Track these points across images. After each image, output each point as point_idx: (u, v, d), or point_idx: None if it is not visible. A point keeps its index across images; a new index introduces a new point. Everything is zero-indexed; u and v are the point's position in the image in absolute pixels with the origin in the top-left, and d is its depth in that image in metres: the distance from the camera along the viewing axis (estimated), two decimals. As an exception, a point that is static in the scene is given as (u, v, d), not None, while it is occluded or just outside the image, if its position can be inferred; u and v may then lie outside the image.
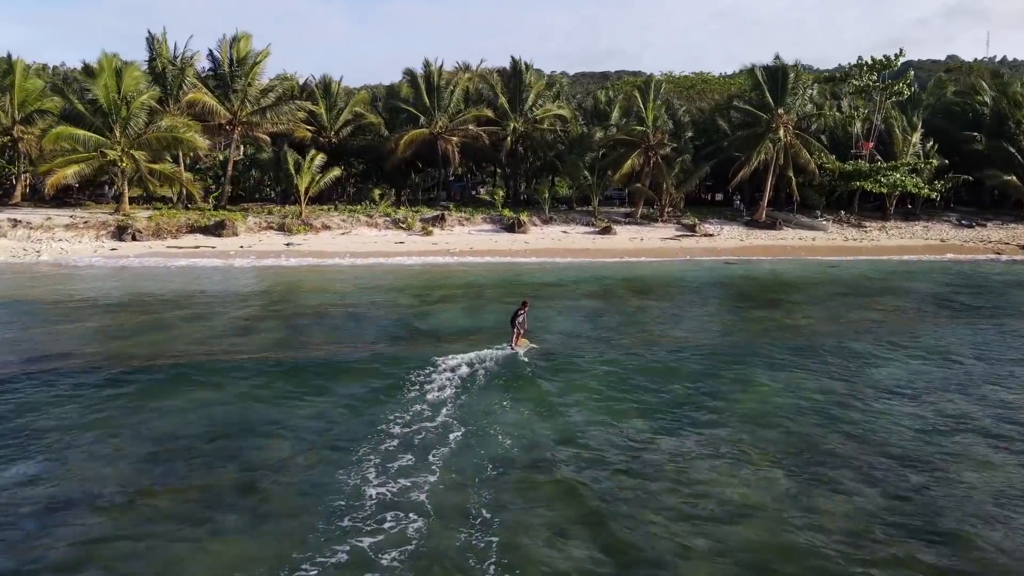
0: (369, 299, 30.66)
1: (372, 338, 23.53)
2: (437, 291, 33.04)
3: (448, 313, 27.79)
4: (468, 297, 31.18)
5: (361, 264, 41.78)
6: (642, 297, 31.94)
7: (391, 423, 14.78)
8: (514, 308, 22.16)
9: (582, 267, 42.24)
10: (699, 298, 31.91)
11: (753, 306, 29.95)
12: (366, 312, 28.04)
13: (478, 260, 44.62)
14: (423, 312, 27.80)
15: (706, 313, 28.19)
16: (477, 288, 33.84)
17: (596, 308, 28.82)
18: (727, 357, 20.52)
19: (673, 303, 30.27)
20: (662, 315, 27.54)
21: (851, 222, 60.64)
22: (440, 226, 54.39)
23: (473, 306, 28.99)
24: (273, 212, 53.82)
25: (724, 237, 55.69)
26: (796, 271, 40.84)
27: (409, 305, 29.42)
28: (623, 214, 61.40)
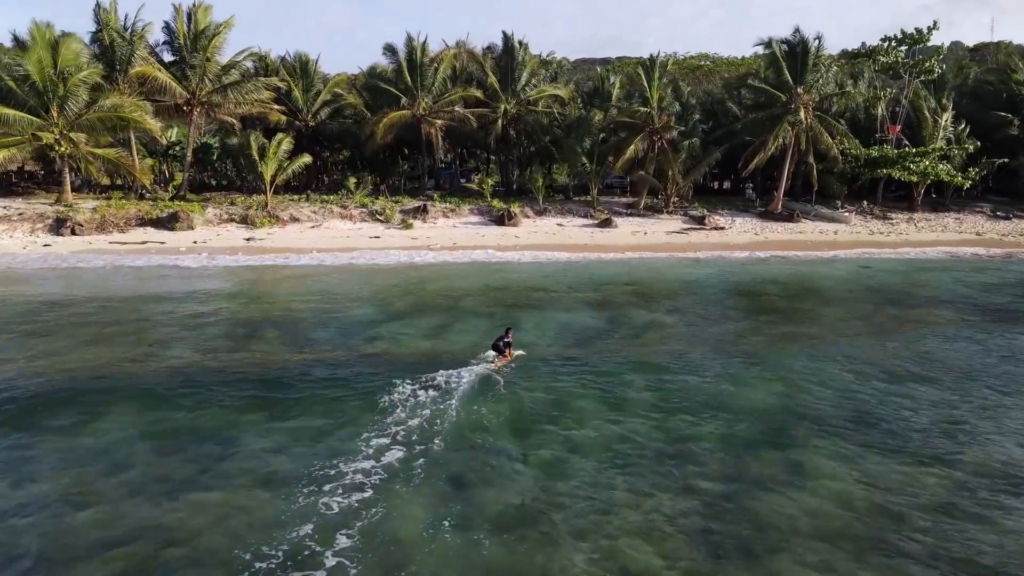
0: (321, 309, 25.43)
1: (310, 359, 18.40)
2: (405, 299, 27.80)
3: (408, 332, 22.52)
4: (437, 310, 25.89)
5: (327, 264, 36.54)
6: (647, 308, 26.67)
7: (336, 462, 12.19)
8: (502, 323, 19.54)
9: (578, 268, 36.96)
10: (716, 312, 26.61)
11: (788, 330, 24.31)
12: (310, 327, 22.82)
13: (461, 258, 39.38)
14: (378, 332, 22.53)
15: (728, 339, 22.81)
16: (453, 296, 28.59)
17: (592, 327, 23.54)
18: (766, 430, 14.80)
19: (685, 320, 24.98)
20: (673, 338, 22.26)
21: (875, 213, 55.23)
22: (422, 218, 49.09)
23: (439, 325, 23.70)
24: (236, 203, 48.50)
25: (736, 231, 50.34)
26: (824, 272, 35.47)
27: (365, 320, 24.16)
28: (624, 205, 56.03)
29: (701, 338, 21.76)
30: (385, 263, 37.46)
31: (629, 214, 53.37)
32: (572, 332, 22.32)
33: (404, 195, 54.51)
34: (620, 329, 23.12)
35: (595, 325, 23.43)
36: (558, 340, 21.25)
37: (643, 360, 19.32)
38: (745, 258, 41.18)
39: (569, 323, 23.53)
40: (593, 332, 22.52)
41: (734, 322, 24.69)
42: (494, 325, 22.07)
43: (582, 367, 18.59)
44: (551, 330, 22.59)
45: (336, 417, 14.60)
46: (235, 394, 15.96)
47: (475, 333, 22.06)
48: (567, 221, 51.01)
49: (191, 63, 47.56)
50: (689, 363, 18.98)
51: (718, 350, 20.40)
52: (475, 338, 21.18)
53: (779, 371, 18.23)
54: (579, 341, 21.30)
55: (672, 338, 21.83)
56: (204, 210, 46.10)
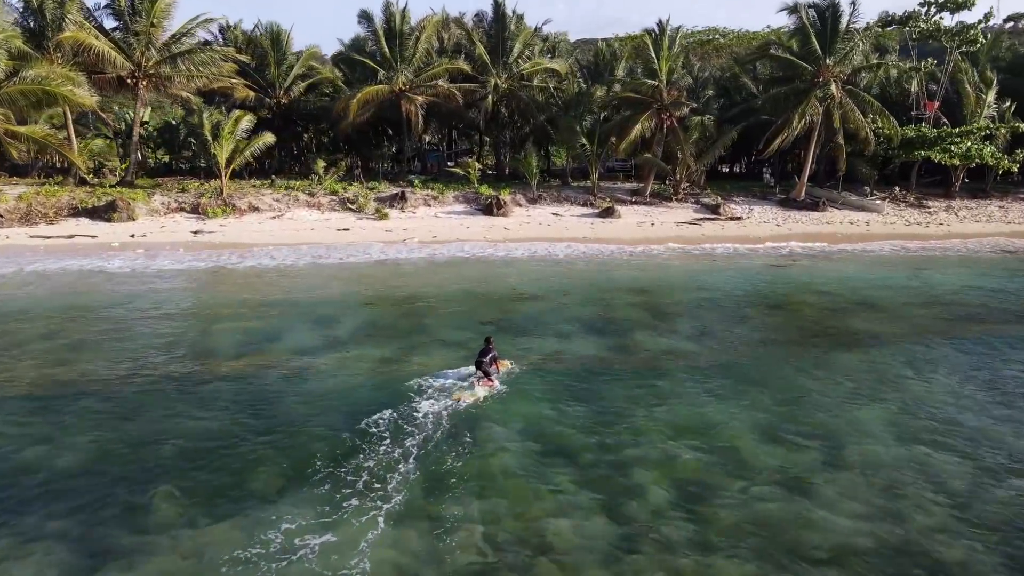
0: (247, 334, 19.79)
1: (220, 423, 12.84)
2: (359, 314, 22.19)
3: (353, 364, 16.91)
4: (396, 332, 20.26)
5: (282, 264, 30.95)
6: (661, 330, 21.01)
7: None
8: (478, 348, 15.72)
9: (576, 267, 31.27)
10: (748, 338, 20.92)
11: (857, 374, 18.55)
12: (231, 366, 17.20)
13: (440, 255, 33.73)
14: (313, 364, 16.94)
15: (774, 386, 17.19)
16: (418, 310, 23.00)
17: (593, 362, 17.89)
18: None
19: (711, 352, 19.29)
20: (697, 386, 16.56)
21: (910, 201, 49.36)
22: (400, 207, 43.36)
23: (390, 357, 18.08)
24: (188, 189, 42.76)
25: (755, 221, 44.56)
26: (873, 279, 29.59)
27: (301, 347, 18.52)
28: (628, 191, 50.19)
29: (735, 386, 16.09)
30: (352, 261, 31.82)
31: (634, 202, 47.59)
32: (567, 373, 16.65)
33: (383, 180, 48.66)
34: (628, 362, 17.46)
35: (596, 359, 17.77)
36: (549, 391, 15.58)
37: (663, 422, 13.70)
38: (768, 254, 35.43)
39: (563, 355, 17.87)
40: (594, 370, 16.88)
41: (774, 355, 18.99)
42: (465, 355, 16.65)
43: (581, 431, 13.00)
44: (538, 367, 16.93)
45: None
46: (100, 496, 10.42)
47: (440, 357, 16.73)
48: (564, 210, 45.22)
49: (134, 29, 41.57)
50: (722, 430, 13.37)
51: (763, 408, 14.77)
52: (440, 364, 15.91)
53: (868, 466, 12.60)
54: (575, 388, 15.64)
55: (696, 385, 16.16)
56: (150, 198, 40.40)
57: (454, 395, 14.58)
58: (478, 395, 14.69)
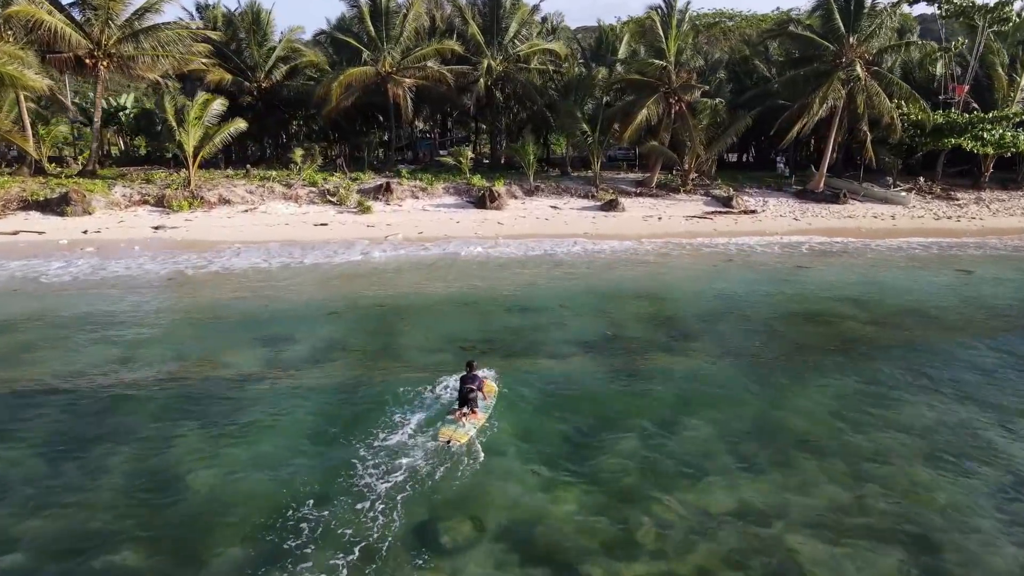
0: (180, 351, 16.41)
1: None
2: (321, 328, 18.77)
3: (299, 404, 13.57)
4: (352, 361, 16.85)
5: (246, 267, 27.46)
6: (676, 351, 17.63)
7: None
8: (461, 373, 13.23)
9: (575, 269, 27.83)
10: (780, 357, 17.53)
11: (914, 408, 15.00)
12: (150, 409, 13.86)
13: (425, 254, 30.38)
14: (239, 405, 13.59)
15: (820, 429, 13.84)
16: (388, 324, 19.61)
17: (594, 386, 14.55)
18: None
19: (737, 380, 15.88)
20: (721, 430, 13.20)
21: (936, 192, 45.76)
22: (385, 199, 39.84)
23: (343, 399, 14.74)
24: (154, 180, 39.23)
25: (771, 215, 41.03)
26: (915, 284, 26.04)
27: (229, 379, 15.16)
28: (633, 182, 46.61)
29: (767, 428, 12.71)
30: (326, 263, 28.35)
31: (639, 193, 44.05)
32: (563, 418, 13.24)
33: (368, 170, 45.07)
34: (640, 395, 14.05)
35: (601, 390, 14.37)
36: (540, 438, 12.21)
37: (684, 480, 10.36)
38: (788, 252, 31.97)
39: (559, 391, 14.46)
40: (598, 402, 13.50)
41: (816, 383, 15.54)
42: (441, 376, 13.43)
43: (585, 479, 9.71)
44: (530, 398, 13.57)
45: None
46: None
47: (413, 381, 13.46)
48: (563, 202, 41.69)
49: (92, 4, 37.89)
50: (767, 514, 10.01)
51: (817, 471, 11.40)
52: (413, 393, 12.68)
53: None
54: (574, 440, 12.27)
55: (720, 430, 12.77)
56: (110, 190, 36.88)
57: (440, 434, 11.85)
58: (470, 434, 11.87)
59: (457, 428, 12.05)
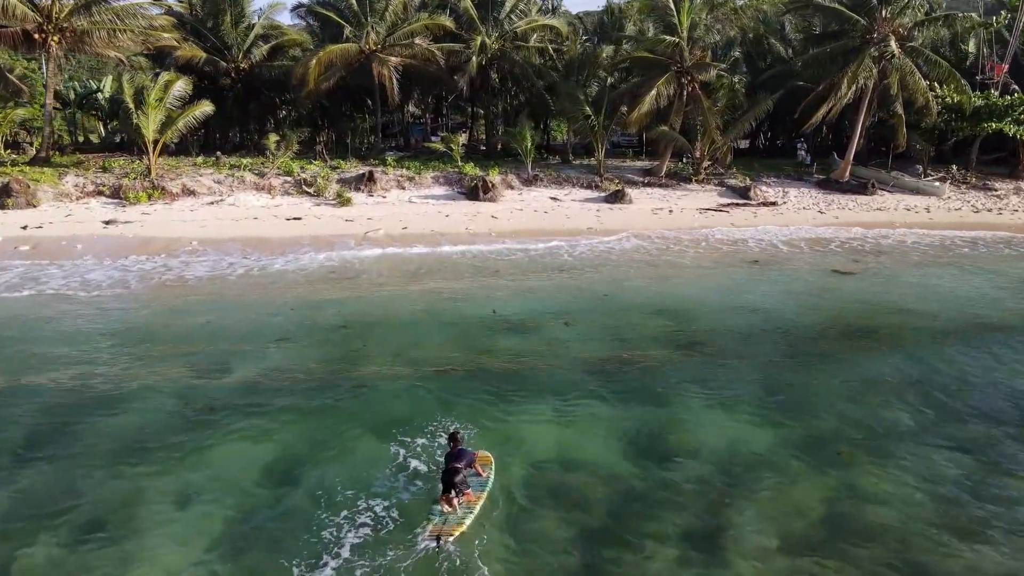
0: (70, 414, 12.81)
1: None
2: (257, 363, 15.11)
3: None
4: (307, 406, 13.22)
5: (203, 273, 23.82)
6: (704, 379, 14.05)
7: None
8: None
9: (580, 275, 24.10)
10: (844, 399, 13.90)
11: None
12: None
13: (408, 255, 26.80)
14: (129, 478, 9.97)
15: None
16: (356, 349, 15.99)
17: (608, 441, 11.06)
18: None
19: (790, 424, 12.32)
20: (775, 485, 9.62)
21: (971, 182, 41.96)
22: (368, 190, 36.09)
23: (287, 469, 11.06)
24: (112, 167, 35.44)
25: (793, 207, 37.27)
26: (974, 292, 22.30)
27: (118, 447, 11.56)
28: (640, 171, 42.80)
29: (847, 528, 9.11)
30: (293, 267, 24.63)
31: (647, 183, 40.28)
32: (568, 516, 9.63)
33: (351, 158, 41.24)
34: (671, 485, 10.41)
35: (618, 475, 10.69)
36: (537, 550, 8.61)
37: None
38: (818, 250, 28.30)
39: (563, 464, 10.83)
40: (617, 508, 9.85)
41: (897, 430, 11.91)
42: (409, 447, 9.94)
43: None
44: (522, 499, 9.97)
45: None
46: None
47: (373, 446, 10.00)
48: (564, 193, 37.92)
49: (39, -29, 34.02)
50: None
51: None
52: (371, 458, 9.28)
53: None
54: (584, 556, 8.65)
55: (781, 534, 9.17)
56: (60, 179, 33.15)
57: (430, 529, 8.88)
58: (465, 523, 8.99)
59: (448, 519, 8.91)
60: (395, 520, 8.99)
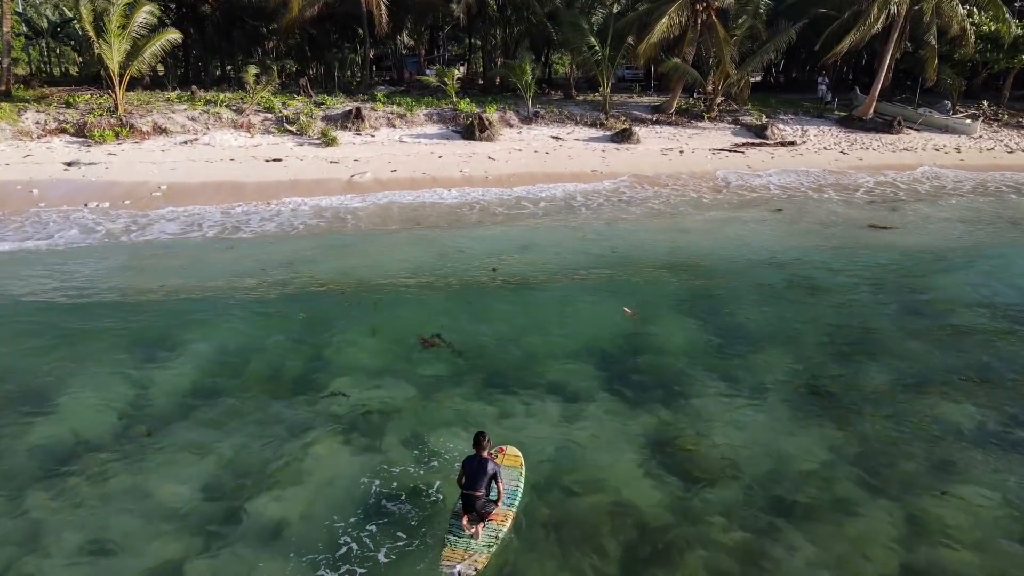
0: None
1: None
2: (211, 342, 13.12)
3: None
4: (256, 404, 11.26)
5: (175, 231, 21.64)
6: (746, 357, 12.02)
7: None
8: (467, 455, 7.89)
9: (583, 219, 21.87)
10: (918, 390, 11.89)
11: None
12: None
13: (399, 203, 24.40)
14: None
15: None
16: (325, 313, 13.96)
17: (632, 436, 9.14)
18: None
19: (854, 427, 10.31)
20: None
21: (1003, 120, 39.14)
22: (356, 128, 33.40)
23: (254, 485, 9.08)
24: (76, 103, 32.66)
25: (813, 147, 34.65)
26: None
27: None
28: (648, 107, 39.90)
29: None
30: (265, 228, 22.22)
31: (655, 121, 37.48)
32: (590, 545, 7.72)
33: (338, 93, 38.29)
34: (699, 516, 8.50)
35: (631, 493, 8.77)
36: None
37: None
38: (846, 199, 25.98)
39: (578, 474, 8.94)
40: (646, 535, 7.94)
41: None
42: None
43: None
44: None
45: None
46: None
47: (344, 462, 8.22)
48: (567, 132, 35.22)
49: None
50: None
51: None
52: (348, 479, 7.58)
53: None
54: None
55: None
56: (19, 116, 30.47)
57: (443, 559, 7.17)
58: (490, 551, 7.28)
59: (470, 544, 7.27)
60: (393, 542, 7.15)
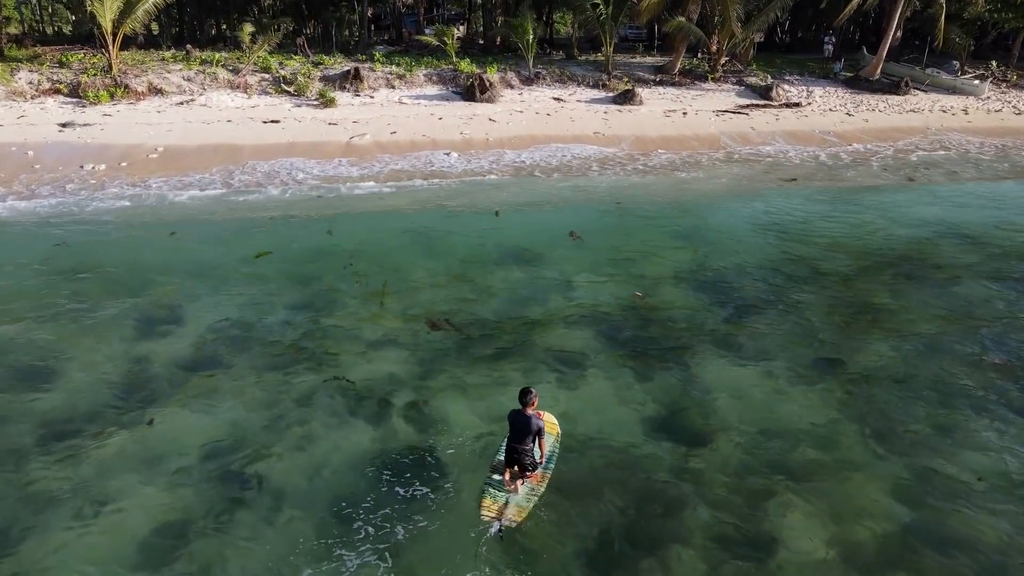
0: None
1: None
2: (212, 306, 13.15)
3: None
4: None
5: (184, 197, 21.47)
6: (732, 341, 11.98)
7: None
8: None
9: (590, 194, 21.70)
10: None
11: None
12: None
13: (397, 169, 24.13)
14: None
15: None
16: (326, 279, 14.00)
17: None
18: None
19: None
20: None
21: (1012, 81, 38.53)
22: (354, 89, 32.90)
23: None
24: (70, 62, 32.14)
25: (818, 108, 34.18)
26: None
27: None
28: (651, 68, 39.25)
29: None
30: (255, 199, 22.02)
31: (658, 82, 36.90)
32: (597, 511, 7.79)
33: (337, 53, 37.66)
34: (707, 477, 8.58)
35: (633, 450, 8.84)
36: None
37: None
38: (859, 163, 25.72)
39: (573, 435, 8.90)
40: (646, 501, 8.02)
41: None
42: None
43: None
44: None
45: None
46: None
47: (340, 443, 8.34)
48: (568, 93, 34.72)
49: None
50: None
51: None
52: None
53: None
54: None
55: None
56: (12, 76, 30.00)
57: (483, 509, 7.38)
58: (528, 508, 7.48)
59: (509, 499, 7.42)
60: (431, 494, 7.23)
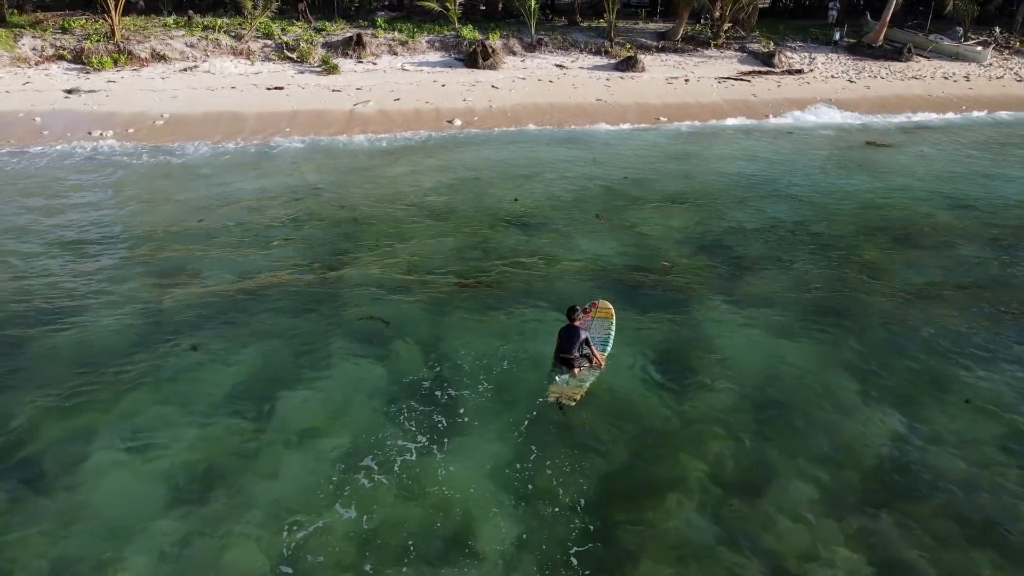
0: None
1: None
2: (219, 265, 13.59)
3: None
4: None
5: (158, 159, 21.71)
6: (731, 294, 12.46)
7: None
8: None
9: (591, 145, 21.98)
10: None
11: None
12: None
13: (397, 141, 24.36)
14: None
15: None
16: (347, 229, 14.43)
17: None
18: None
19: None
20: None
21: (1014, 47, 38.45)
22: (357, 55, 32.93)
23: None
24: (72, 28, 32.11)
25: (820, 75, 34.18)
26: None
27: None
28: (653, 34, 39.09)
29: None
30: (263, 163, 22.33)
31: (661, 48, 36.84)
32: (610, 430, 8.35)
33: (339, 19, 37.51)
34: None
35: (634, 396, 9.35)
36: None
37: None
38: (867, 128, 25.94)
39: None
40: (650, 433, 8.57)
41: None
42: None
43: None
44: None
45: None
46: None
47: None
48: (571, 60, 34.69)
49: None
50: None
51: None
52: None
53: None
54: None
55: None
56: (15, 42, 30.01)
57: (550, 391, 8.88)
58: (585, 386, 8.88)
59: (569, 381, 8.92)
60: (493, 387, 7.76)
